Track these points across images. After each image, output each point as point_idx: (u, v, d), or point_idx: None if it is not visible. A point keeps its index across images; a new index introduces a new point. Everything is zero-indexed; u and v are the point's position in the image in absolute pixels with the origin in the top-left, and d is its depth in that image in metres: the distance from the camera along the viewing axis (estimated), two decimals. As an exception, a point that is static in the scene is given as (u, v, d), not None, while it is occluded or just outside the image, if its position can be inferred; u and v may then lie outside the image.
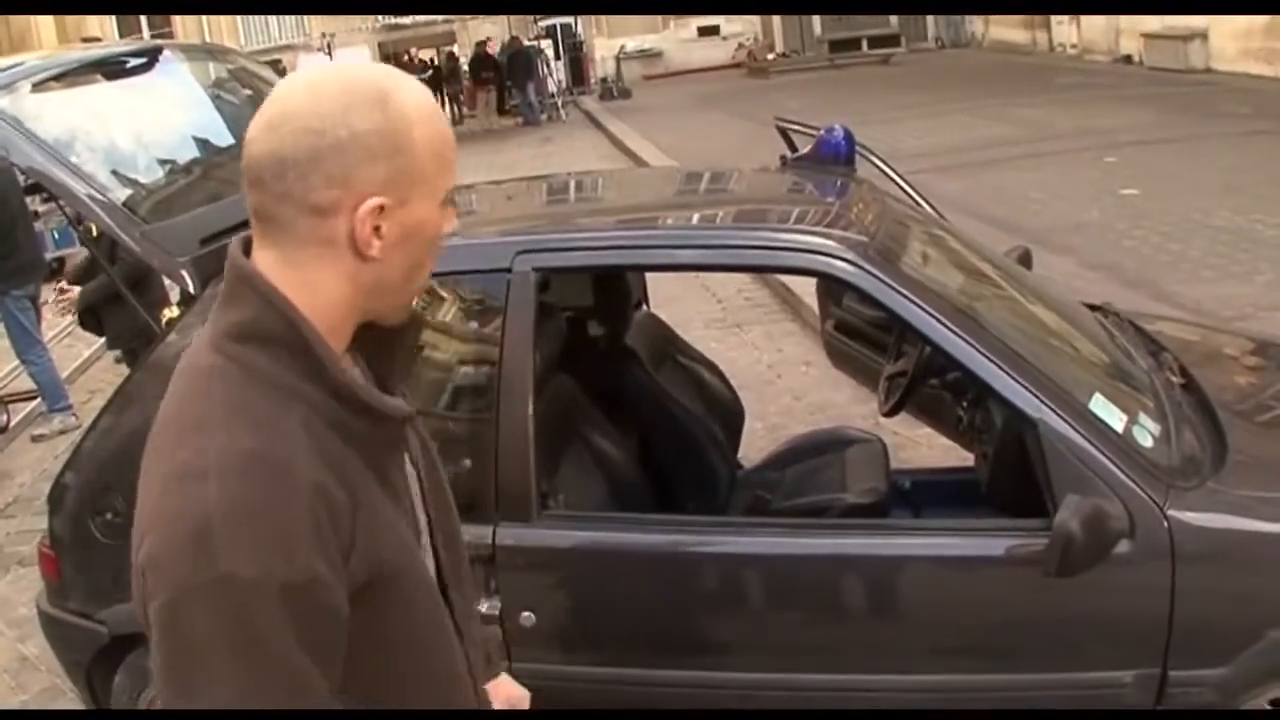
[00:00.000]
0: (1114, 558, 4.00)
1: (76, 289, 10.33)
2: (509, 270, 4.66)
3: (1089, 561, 3.89)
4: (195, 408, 2.18)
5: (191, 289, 5.23)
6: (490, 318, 4.92)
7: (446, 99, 49.25)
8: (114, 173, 5.37)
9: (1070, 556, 3.84)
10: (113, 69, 6.08)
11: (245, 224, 5.13)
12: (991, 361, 4.21)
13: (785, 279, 12.80)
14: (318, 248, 2.22)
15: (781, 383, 10.84)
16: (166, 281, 8.69)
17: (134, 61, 6.11)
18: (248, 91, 7.07)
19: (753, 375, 10.58)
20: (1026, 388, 4.17)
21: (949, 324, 4.26)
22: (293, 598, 2.04)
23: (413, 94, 2.25)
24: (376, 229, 2.20)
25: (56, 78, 5.64)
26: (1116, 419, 4.27)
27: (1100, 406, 4.28)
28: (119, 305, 9.05)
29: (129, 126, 5.93)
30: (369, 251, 2.20)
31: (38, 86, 5.41)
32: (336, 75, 2.29)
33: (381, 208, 2.18)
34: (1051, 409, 4.14)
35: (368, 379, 2.42)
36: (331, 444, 2.18)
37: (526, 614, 4.50)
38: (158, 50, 6.32)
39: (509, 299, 4.64)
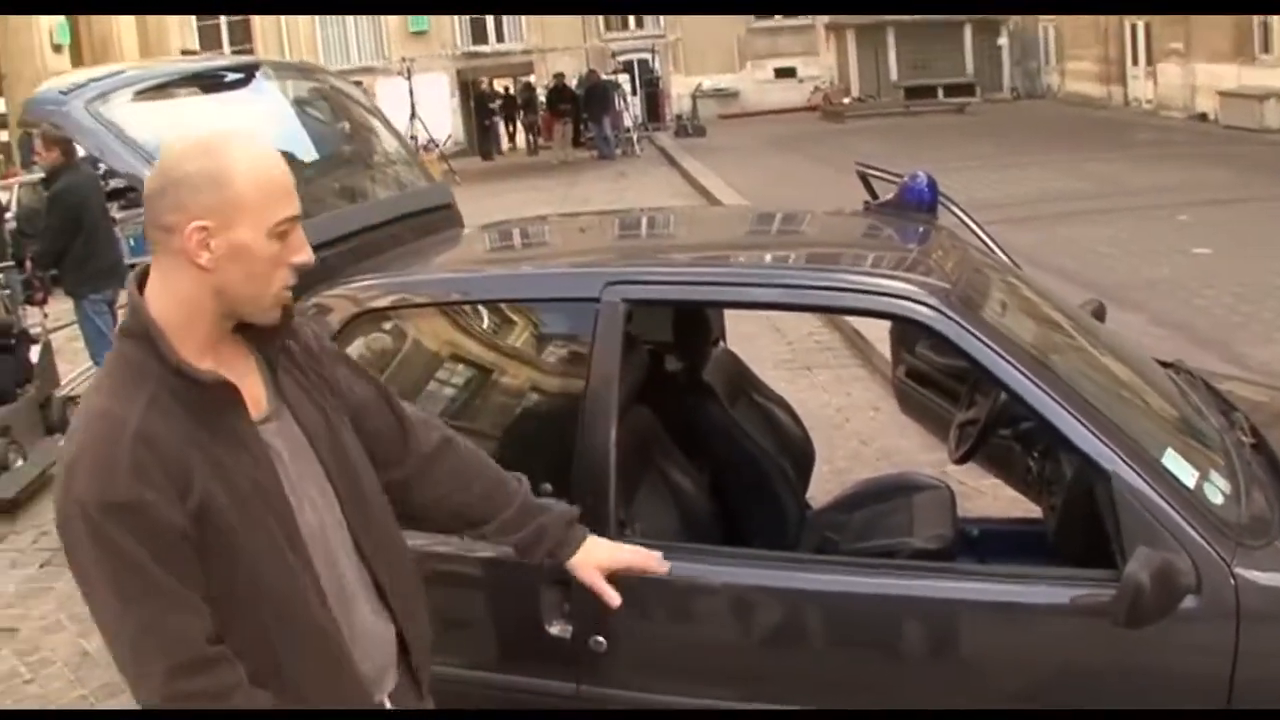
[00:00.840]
0: (1179, 613, 3.99)
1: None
2: (598, 300, 4.75)
3: (1156, 614, 3.89)
4: (95, 383, 3.13)
5: None
6: (576, 346, 5.03)
7: (522, 129, 49.48)
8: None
9: (1139, 608, 3.84)
10: (210, 82, 6.20)
11: (335, 242, 5.29)
12: (1067, 411, 4.23)
13: (856, 323, 12.90)
14: (171, 257, 3.01)
15: (849, 426, 10.98)
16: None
17: (231, 76, 6.24)
18: (336, 110, 7.19)
19: (821, 418, 10.55)
20: (1101, 439, 4.19)
21: (1026, 373, 4.30)
22: (123, 513, 2.86)
23: (242, 148, 3.03)
24: (207, 246, 2.95)
25: (157, 88, 5.77)
26: (1188, 475, 4.29)
27: (1172, 461, 4.30)
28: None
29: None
30: (199, 261, 2.97)
31: (139, 95, 5.51)
32: (195, 136, 3.12)
33: (205, 228, 2.95)
34: (1125, 461, 4.15)
35: (260, 365, 3.25)
36: (173, 410, 2.97)
37: (597, 638, 4.55)
38: (255, 66, 6.43)
39: (597, 328, 4.73)
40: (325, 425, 3.34)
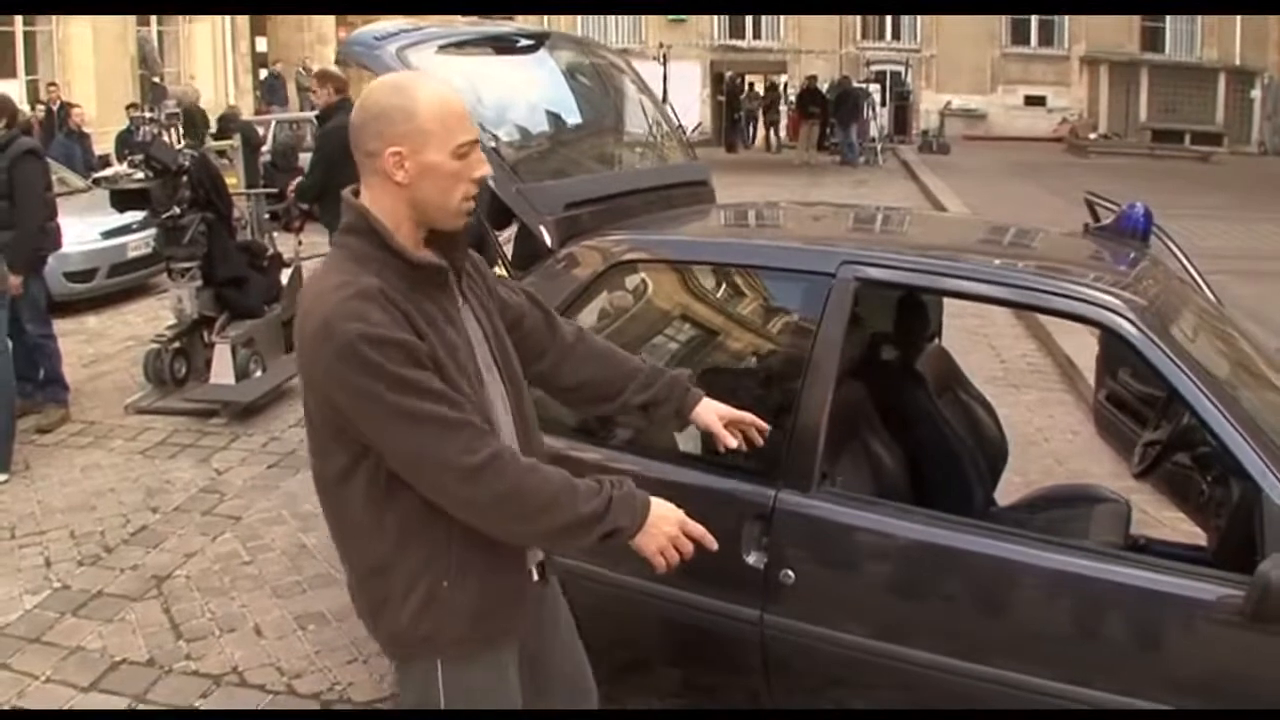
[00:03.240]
0: None
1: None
2: (833, 276, 5.21)
3: None
4: (322, 270, 3.72)
5: (550, 244, 5.84)
6: (807, 315, 5.44)
7: (766, 126, 49.53)
8: (497, 134, 6.04)
9: (1266, 604, 4.14)
10: (504, 45, 6.73)
11: (606, 199, 5.86)
12: (1232, 426, 4.52)
13: (1068, 349, 13.18)
14: (374, 176, 3.69)
15: (1047, 445, 11.22)
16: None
17: (524, 42, 6.75)
18: (610, 85, 7.70)
19: (1021, 434, 10.87)
20: (1260, 456, 4.46)
21: (1201, 386, 4.60)
22: (390, 347, 3.45)
23: (427, 86, 3.69)
24: (402, 166, 3.61)
25: (458, 44, 6.32)
26: None
27: None
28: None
29: (510, 96, 6.57)
30: (396, 178, 3.63)
31: (441, 49, 6.06)
32: (389, 77, 3.90)
33: (399, 153, 3.60)
34: (1277, 477, 4.42)
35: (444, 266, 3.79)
36: (397, 284, 3.59)
37: (787, 572, 5.00)
38: (545, 36, 6.93)
39: (828, 300, 5.18)
40: (493, 326, 4.02)
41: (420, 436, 3.50)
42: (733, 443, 4.45)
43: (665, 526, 3.85)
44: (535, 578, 4.13)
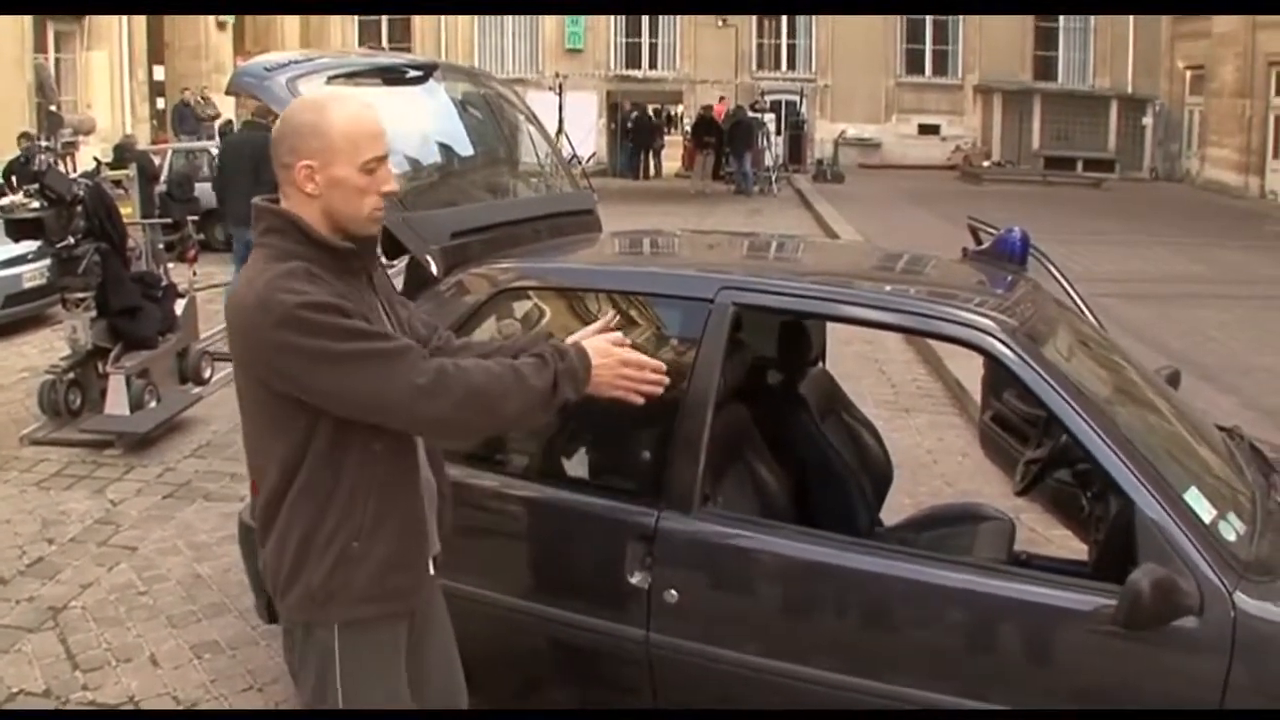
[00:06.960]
0: (1180, 636, 4.41)
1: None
2: (711, 301, 5.33)
3: (1152, 621, 4.31)
4: (245, 269, 3.98)
5: (435, 272, 5.94)
6: (687, 339, 5.54)
7: (649, 151, 49.82)
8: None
9: (1137, 611, 4.25)
10: (393, 76, 6.79)
11: (492, 227, 5.95)
12: (1101, 439, 4.67)
13: (958, 373, 13.34)
14: (289, 187, 3.93)
15: (936, 468, 11.36)
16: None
17: (412, 73, 6.82)
18: (497, 114, 7.78)
19: (911, 457, 11.08)
20: (1130, 469, 4.61)
21: (1071, 402, 4.75)
22: (323, 309, 3.70)
23: (339, 106, 3.93)
24: (313, 179, 3.85)
25: (347, 75, 6.35)
26: (1206, 511, 4.66)
27: (1194, 498, 4.68)
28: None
29: (399, 127, 6.65)
30: (307, 190, 3.87)
31: (331, 80, 6.08)
32: (307, 95, 4.35)
33: (310, 166, 3.85)
34: (1148, 490, 4.56)
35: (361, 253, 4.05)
36: (321, 275, 3.79)
37: (671, 591, 5.08)
38: (433, 66, 7.01)
39: (707, 325, 5.29)
40: (397, 327, 4.19)
41: (374, 374, 3.74)
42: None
43: (606, 373, 4.20)
44: (430, 570, 4.31)
